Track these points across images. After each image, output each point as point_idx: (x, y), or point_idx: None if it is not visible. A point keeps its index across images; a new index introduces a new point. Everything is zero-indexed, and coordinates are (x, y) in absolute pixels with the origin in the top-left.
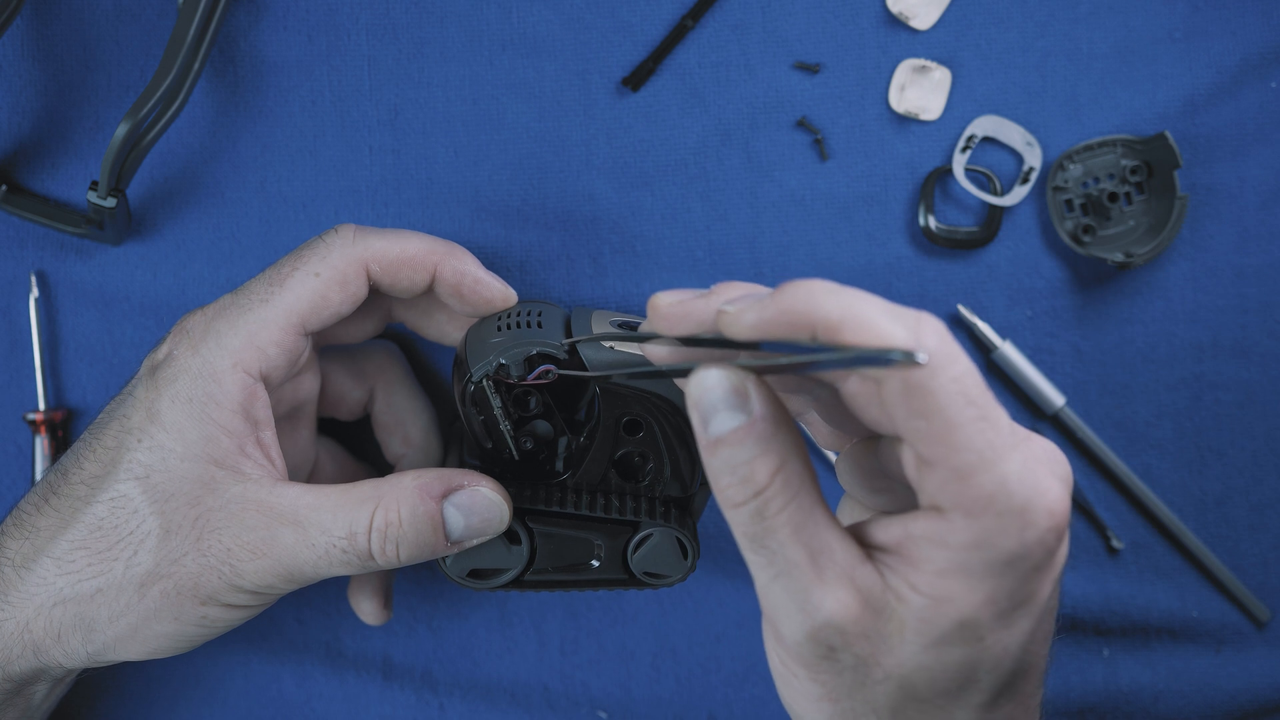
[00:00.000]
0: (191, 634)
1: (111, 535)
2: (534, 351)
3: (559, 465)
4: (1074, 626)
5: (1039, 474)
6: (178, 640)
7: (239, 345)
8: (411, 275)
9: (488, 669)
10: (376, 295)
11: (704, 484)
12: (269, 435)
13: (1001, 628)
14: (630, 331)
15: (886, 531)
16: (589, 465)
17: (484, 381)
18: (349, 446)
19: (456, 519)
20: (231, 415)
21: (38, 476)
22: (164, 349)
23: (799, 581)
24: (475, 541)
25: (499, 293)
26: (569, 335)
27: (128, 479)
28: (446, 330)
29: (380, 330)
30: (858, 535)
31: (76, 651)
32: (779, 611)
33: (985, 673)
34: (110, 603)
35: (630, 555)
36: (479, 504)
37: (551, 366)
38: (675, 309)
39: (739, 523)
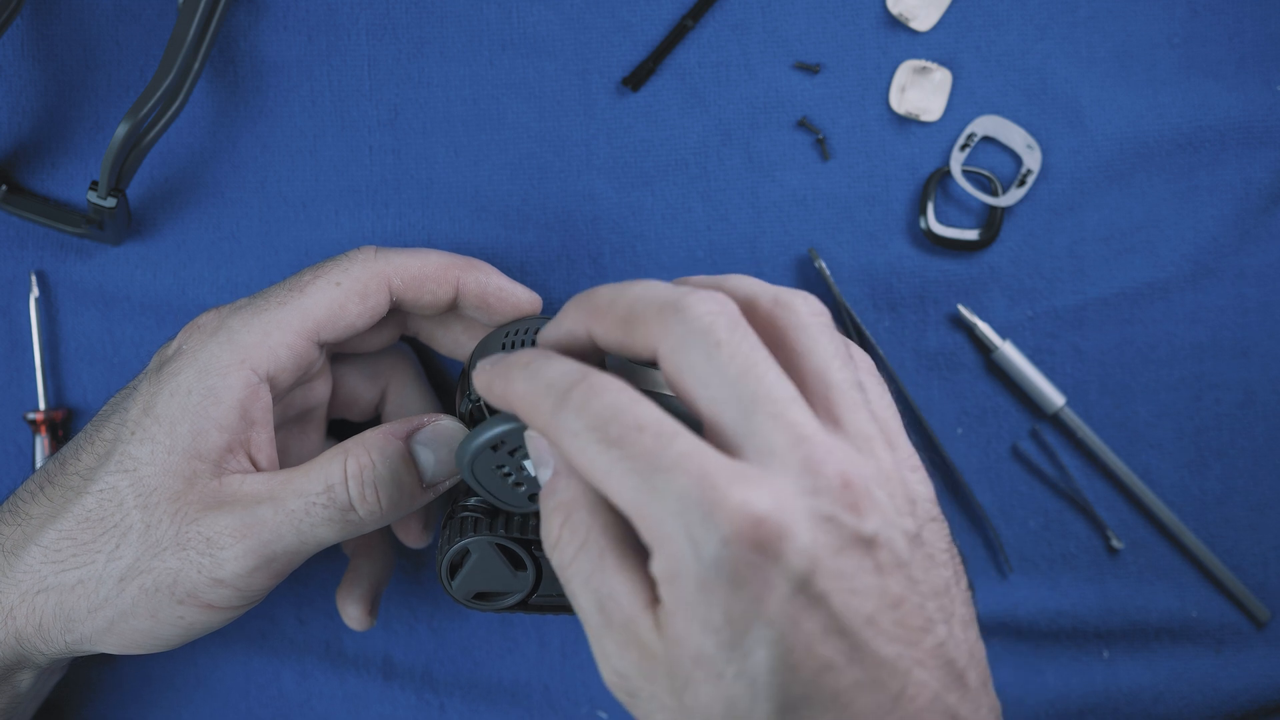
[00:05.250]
0: (168, 634)
1: (97, 527)
2: None
3: None
4: (1074, 628)
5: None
6: (154, 639)
7: (251, 342)
8: (435, 289)
9: (488, 669)
10: (392, 311)
11: None
12: (263, 438)
13: (737, 658)
14: None
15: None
16: None
17: (482, 403)
18: None
19: (427, 456)
20: (228, 411)
21: None
22: (174, 344)
23: (592, 632)
24: (449, 483)
25: (525, 298)
26: None
27: (118, 471)
28: (462, 342)
29: (393, 343)
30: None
31: (56, 640)
32: (593, 651)
33: (746, 710)
34: (90, 594)
35: None
36: (442, 435)
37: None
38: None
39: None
